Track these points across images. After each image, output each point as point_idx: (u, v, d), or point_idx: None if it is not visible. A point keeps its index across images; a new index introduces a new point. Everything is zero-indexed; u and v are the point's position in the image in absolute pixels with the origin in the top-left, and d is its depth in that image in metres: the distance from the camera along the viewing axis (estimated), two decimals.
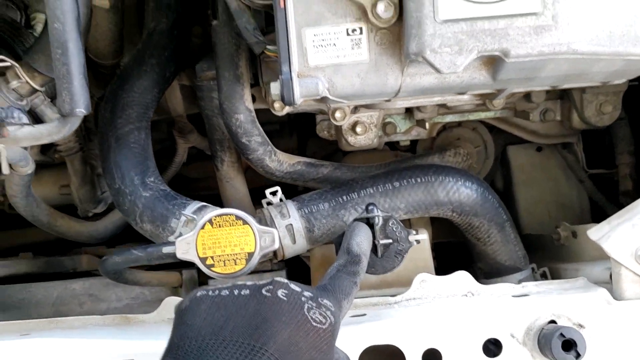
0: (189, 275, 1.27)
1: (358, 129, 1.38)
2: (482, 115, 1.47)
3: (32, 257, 1.66)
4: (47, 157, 1.50)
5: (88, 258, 1.67)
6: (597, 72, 1.04)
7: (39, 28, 1.31)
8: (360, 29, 0.99)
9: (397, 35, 0.99)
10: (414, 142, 1.62)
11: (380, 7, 0.95)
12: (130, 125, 1.26)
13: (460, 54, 0.94)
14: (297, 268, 1.47)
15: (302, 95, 1.00)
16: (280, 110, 1.29)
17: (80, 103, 0.98)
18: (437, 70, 0.94)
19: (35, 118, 1.29)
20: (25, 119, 0.97)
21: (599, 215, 1.66)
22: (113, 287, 1.27)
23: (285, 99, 0.98)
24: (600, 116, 1.41)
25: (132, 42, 1.54)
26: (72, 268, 1.65)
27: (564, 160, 1.69)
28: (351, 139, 1.40)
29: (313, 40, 0.99)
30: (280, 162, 1.32)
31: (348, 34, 0.99)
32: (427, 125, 1.43)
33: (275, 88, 1.00)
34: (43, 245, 1.78)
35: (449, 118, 1.48)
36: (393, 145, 1.62)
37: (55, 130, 1.00)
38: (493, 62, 0.98)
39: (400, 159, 1.48)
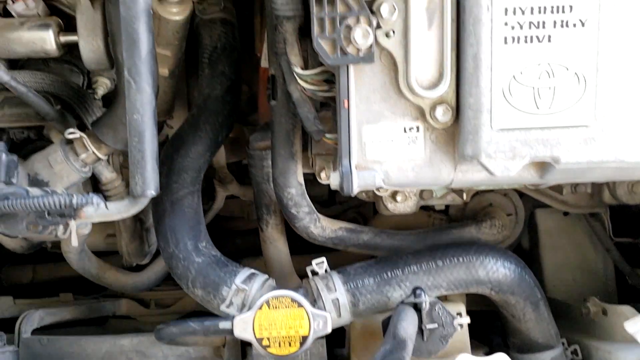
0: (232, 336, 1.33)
1: (398, 198, 1.43)
2: (516, 186, 1.52)
3: (73, 299, 1.72)
4: None
5: (127, 302, 1.73)
6: (639, 175, 1.10)
7: (100, 91, 1.37)
8: (418, 127, 1.05)
9: (451, 135, 1.05)
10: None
11: (439, 111, 1.01)
12: (184, 189, 1.32)
13: (514, 159, 0.99)
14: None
15: (360, 186, 1.05)
16: (325, 180, 1.35)
17: (151, 185, 1.04)
18: (491, 173, 1.00)
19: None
20: (102, 204, 1.02)
21: (624, 282, 1.71)
22: (160, 345, 1.33)
23: (345, 190, 1.04)
24: (632, 195, 1.45)
25: (179, 97, 1.62)
26: (112, 312, 1.71)
27: (590, 227, 1.74)
28: (390, 205, 1.45)
29: (372, 136, 1.05)
30: (324, 228, 1.38)
31: (405, 131, 1.05)
32: (464, 195, 1.49)
33: (335, 179, 1.06)
34: (80, 279, 1.84)
35: (484, 187, 1.53)
36: (426, 206, 1.67)
37: (124, 210, 1.06)
38: (542, 165, 1.04)
39: (438, 228, 1.53)
